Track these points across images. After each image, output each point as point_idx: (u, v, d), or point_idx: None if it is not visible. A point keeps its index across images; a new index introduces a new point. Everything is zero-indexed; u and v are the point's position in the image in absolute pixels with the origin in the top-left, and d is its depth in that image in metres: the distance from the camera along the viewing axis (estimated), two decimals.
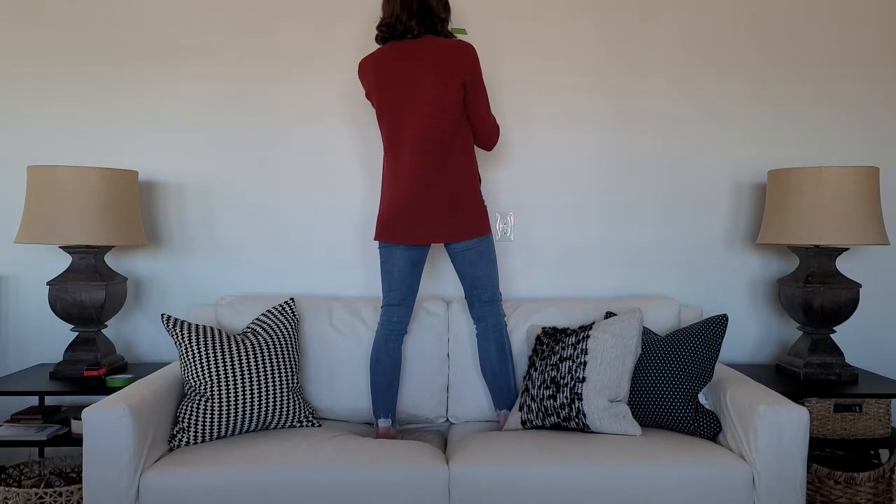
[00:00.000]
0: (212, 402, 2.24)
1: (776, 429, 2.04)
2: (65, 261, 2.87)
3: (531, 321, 2.61)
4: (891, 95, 2.91)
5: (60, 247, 2.56)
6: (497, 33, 2.87)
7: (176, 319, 2.33)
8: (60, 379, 2.54)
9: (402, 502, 2.01)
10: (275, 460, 2.05)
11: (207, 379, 2.26)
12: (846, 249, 2.64)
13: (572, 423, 2.26)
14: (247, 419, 2.28)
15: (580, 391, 2.25)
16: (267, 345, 2.37)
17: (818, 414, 2.43)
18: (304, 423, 2.39)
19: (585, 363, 2.28)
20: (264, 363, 2.34)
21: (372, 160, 2.88)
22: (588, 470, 2.02)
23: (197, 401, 2.24)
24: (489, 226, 2.41)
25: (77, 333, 2.74)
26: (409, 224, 2.34)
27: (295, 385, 2.40)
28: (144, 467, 2.04)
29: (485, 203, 2.50)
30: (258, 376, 2.31)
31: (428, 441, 2.37)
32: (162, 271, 2.89)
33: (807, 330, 2.66)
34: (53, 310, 2.58)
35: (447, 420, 2.62)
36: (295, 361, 2.43)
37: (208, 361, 2.27)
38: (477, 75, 2.35)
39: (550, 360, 2.37)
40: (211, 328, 2.35)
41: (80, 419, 2.39)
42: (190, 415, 2.23)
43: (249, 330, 2.43)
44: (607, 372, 2.25)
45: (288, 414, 2.36)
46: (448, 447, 2.29)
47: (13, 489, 2.26)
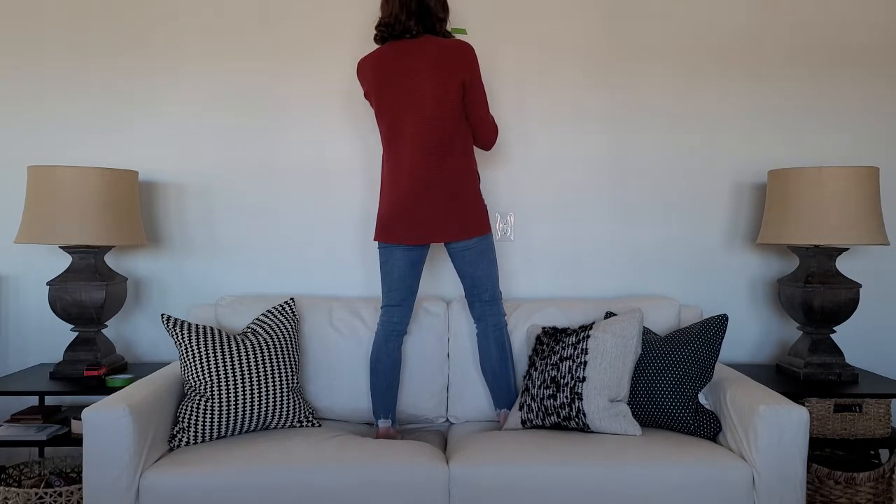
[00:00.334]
0: (212, 402, 2.24)
1: (776, 429, 2.04)
2: (65, 261, 2.87)
3: (531, 321, 2.61)
4: (891, 95, 2.91)
5: (60, 247, 2.56)
6: (496, 33, 2.87)
7: (176, 319, 2.33)
8: (60, 379, 2.54)
9: (402, 502, 2.01)
10: (274, 460, 2.05)
11: (207, 379, 2.26)
12: (846, 249, 2.64)
13: (572, 423, 2.26)
14: (247, 419, 2.28)
15: (580, 391, 2.25)
16: (267, 345, 2.37)
17: (818, 414, 2.43)
18: (304, 423, 2.39)
19: (585, 363, 2.28)
20: (264, 363, 2.34)
21: (371, 160, 2.88)
22: (588, 470, 2.02)
23: (197, 401, 2.24)
24: (489, 225, 2.41)
25: (77, 333, 2.74)
26: (409, 224, 2.34)
27: (295, 385, 2.40)
28: (144, 467, 2.04)
29: (485, 202, 2.50)
30: (258, 376, 2.31)
31: (428, 441, 2.37)
32: (162, 271, 2.89)
33: (807, 330, 2.66)
34: (53, 310, 2.58)
35: (447, 420, 2.62)
36: (295, 361, 2.43)
37: (208, 361, 2.27)
38: (476, 75, 2.35)
39: (550, 360, 2.37)
40: (211, 328, 2.35)
41: (80, 419, 2.39)
42: (190, 415, 2.23)
43: (249, 330, 2.43)
44: (607, 372, 2.25)
45: (288, 414, 2.36)
46: (448, 447, 2.29)
47: (13, 489, 2.26)
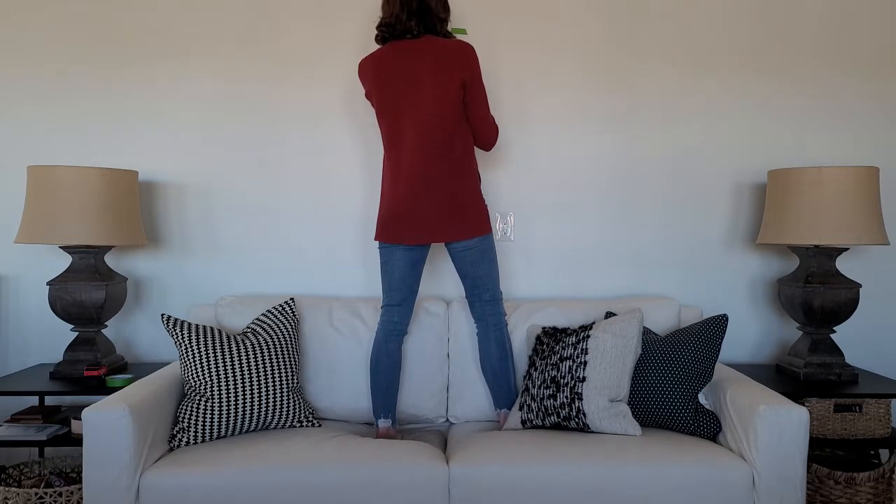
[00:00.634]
0: (212, 402, 2.24)
1: (776, 429, 2.04)
2: (65, 261, 2.87)
3: (531, 321, 2.61)
4: (891, 95, 2.91)
5: (60, 247, 2.56)
6: (496, 32, 2.87)
7: (176, 319, 2.33)
8: (60, 379, 2.54)
9: (402, 502, 2.01)
10: (275, 460, 2.05)
11: (207, 379, 2.26)
12: (846, 249, 2.64)
13: (572, 423, 2.26)
14: (247, 419, 2.28)
15: (580, 391, 2.25)
16: (267, 345, 2.37)
17: (818, 414, 2.43)
18: (304, 423, 2.39)
19: (585, 363, 2.28)
20: (264, 363, 2.34)
21: (372, 160, 2.88)
22: (588, 470, 2.02)
23: (197, 401, 2.24)
24: (490, 225, 2.41)
25: (77, 333, 2.74)
26: (410, 224, 2.34)
27: (295, 385, 2.40)
28: (144, 467, 2.04)
29: (485, 202, 2.50)
30: (258, 376, 2.31)
31: (428, 441, 2.37)
32: (162, 271, 2.89)
33: (807, 330, 2.66)
34: (53, 310, 2.58)
35: (447, 420, 2.62)
36: (295, 361, 2.43)
37: (208, 361, 2.27)
38: (476, 75, 2.35)
39: (550, 360, 2.37)
40: (211, 328, 2.35)
41: (80, 419, 2.39)
42: (190, 415, 2.23)
43: (249, 330, 2.43)
44: (607, 372, 2.25)
45: (288, 414, 2.36)
46: (448, 447, 2.29)
47: (13, 489, 2.26)
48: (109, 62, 2.84)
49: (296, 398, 2.39)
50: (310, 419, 2.40)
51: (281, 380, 2.35)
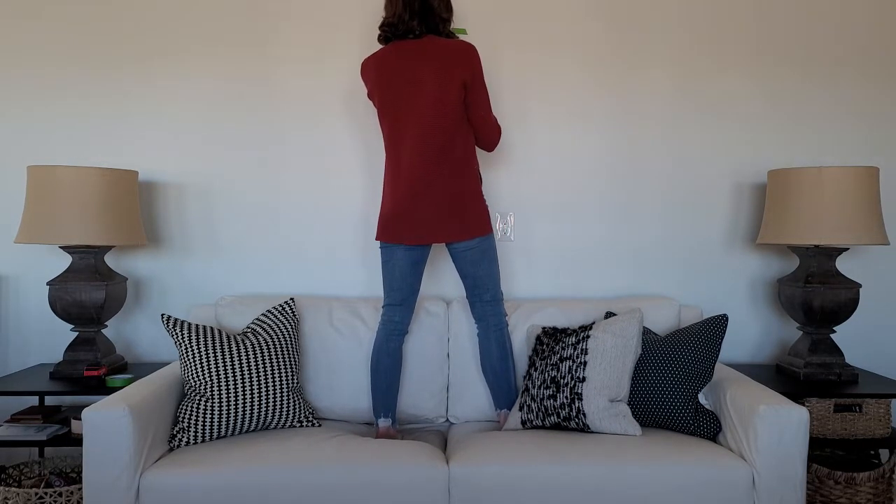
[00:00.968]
0: (212, 402, 2.24)
1: (776, 429, 2.04)
2: (65, 261, 2.87)
3: (531, 321, 2.61)
4: (891, 95, 2.91)
5: (60, 247, 2.56)
6: (497, 32, 2.87)
7: (176, 319, 2.32)
8: (60, 379, 2.54)
9: (402, 502, 2.01)
10: (275, 460, 2.05)
11: (207, 379, 2.26)
12: (846, 249, 2.64)
13: (572, 423, 2.26)
14: (247, 419, 2.28)
15: (580, 391, 2.25)
16: (267, 345, 2.37)
17: (818, 414, 2.43)
18: (304, 423, 2.39)
19: (585, 363, 2.28)
20: (264, 363, 2.34)
21: (372, 160, 2.88)
22: (588, 470, 2.02)
23: (197, 401, 2.24)
24: (490, 226, 2.41)
25: (77, 333, 2.74)
26: (410, 224, 2.34)
27: (295, 385, 2.40)
28: (144, 467, 2.04)
29: (486, 203, 2.50)
30: (258, 376, 2.31)
31: (428, 441, 2.37)
32: (162, 271, 2.89)
33: (807, 330, 2.66)
34: (53, 310, 2.58)
35: (447, 420, 2.62)
36: (295, 361, 2.43)
37: (208, 361, 2.27)
38: (478, 76, 2.35)
39: (550, 360, 2.37)
40: (211, 328, 2.35)
41: (80, 419, 2.39)
42: (190, 415, 2.23)
43: (249, 330, 2.43)
44: (607, 372, 2.25)
45: (288, 414, 2.36)
46: (448, 447, 2.29)
47: (13, 489, 2.26)
48: (109, 62, 2.84)
49: (296, 398, 2.39)
50: (310, 419, 2.40)
51: (281, 380, 2.35)
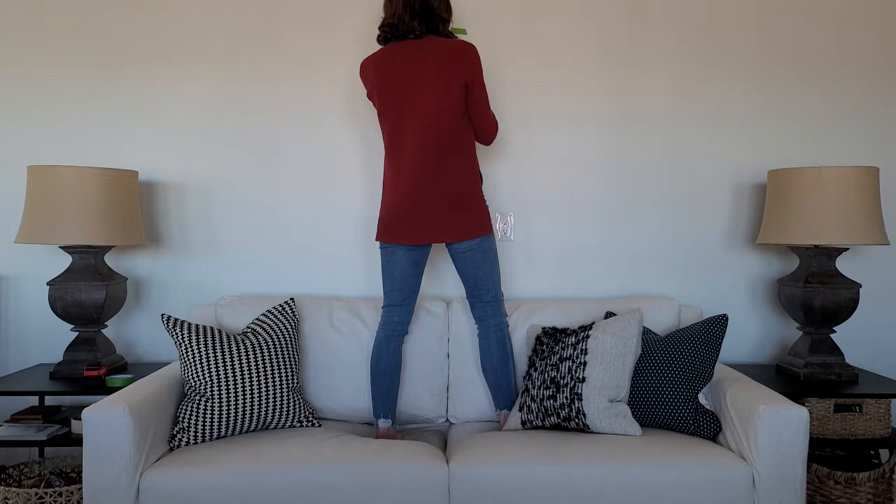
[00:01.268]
0: (212, 402, 2.24)
1: (776, 429, 2.04)
2: (65, 261, 2.87)
3: (531, 321, 2.61)
4: (891, 95, 2.91)
5: (60, 247, 2.56)
6: (497, 32, 2.87)
7: (176, 319, 2.32)
8: (60, 379, 2.54)
9: (402, 502, 2.01)
10: (275, 460, 2.05)
11: (207, 379, 2.26)
12: (846, 249, 2.64)
13: (572, 423, 2.26)
14: (247, 419, 2.28)
15: (580, 391, 2.25)
16: (267, 345, 2.37)
17: (818, 414, 2.43)
18: (304, 423, 2.39)
19: (585, 363, 2.28)
20: (264, 363, 2.34)
21: (372, 160, 2.88)
22: (588, 470, 2.02)
23: (197, 401, 2.24)
24: (491, 226, 2.41)
25: (77, 333, 2.74)
26: (411, 224, 2.34)
27: (295, 385, 2.40)
28: (144, 467, 2.04)
29: (486, 203, 2.50)
30: (258, 376, 2.31)
31: (428, 441, 2.37)
32: (162, 271, 2.89)
33: (807, 330, 2.66)
34: (53, 310, 2.58)
35: (447, 420, 2.62)
36: (295, 361, 2.43)
37: (208, 361, 2.27)
38: (478, 75, 2.35)
39: (550, 360, 2.37)
40: (211, 328, 2.35)
41: (80, 419, 2.39)
42: (190, 415, 2.23)
43: (249, 330, 2.43)
44: (607, 372, 2.25)
45: (288, 414, 2.36)
46: (448, 447, 2.29)
47: (13, 489, 2.26)
48: (110, 62, 2.84)
49: (296, 398, 2.39)
50: (310, 419, 2.40)
51: (281, 380, 2.35)
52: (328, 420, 2.57)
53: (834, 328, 2.64)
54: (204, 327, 2.34)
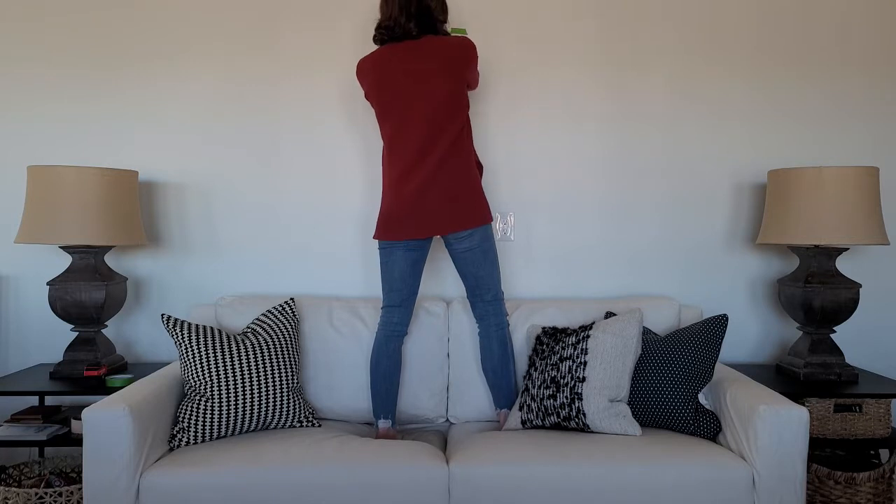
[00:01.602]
0: (212, 402, 2.24)
1: (776, 429, 2.04)
2: (65, 261, 2.87)
3: (531, 321, 2.61)
4: (891, 95, 2.91)
5: (60, 247, 2.56)
6: (496, 32, 2.87)
7: (176, 319, 2.32)
8: (60, 379, 2.54)
9: (402, 502, 2.01)
10: (275, 460, 2.05)
11: (207, 379, 2.26)
12: (846, 249, 2.64)
13: (572, 423, 2.26)
14: (247, 419, 2.28)
15: (580, 391, 2.25)
16: (267, 345, 2.37)
17: (818, 414, 2.43)
18: (304, 423, 2.39)
19: (585, 363, 2.28)
20: (264, 363, 2.34)
21: (372, 160, 2.88)
22: (588, 470, 2.02)
23: (197, 401, 2.24)
24: (491, 215, 2.40)
25: (77, 333, 2.74)
26: (411, 220, 2.34)
27: (295, 385, 2.40)
28: (144, 467, 2.04)
29: (485, 196, 2.50)
30: (258, 376, 2.31)
31: (428, 441, 2.37)
32: (162, 271, 2.89)
33: (807, 330, 2.66)
34: (53, 310, 2.58)
35: (447, 420, 2.62)
36: (295, 361, 2.43)
37: (208, 361, 2.27)
38: (475, 71, 2.41)
39: (550, 360, 2.37)
40: (211, 328, 2.35)
41: (80, 419, 2.39)
42: (190, 415, 2.23)
43: (249, 330, 2.43)
44: (607, 372, 2.25)
45: (288, 414, 2.36)
46: (448, 447, 2.29)
47: (13, 489, 2.26)
48: (110, 62, 2.84)
49: (296, 398, 2.39)
50: (310, 419, 2.40)
51: (281, 380, 2.35)
52: (328, 420, 2.57)
53: (834, 328, 2.64)
54: (204, 327, 2.34)
